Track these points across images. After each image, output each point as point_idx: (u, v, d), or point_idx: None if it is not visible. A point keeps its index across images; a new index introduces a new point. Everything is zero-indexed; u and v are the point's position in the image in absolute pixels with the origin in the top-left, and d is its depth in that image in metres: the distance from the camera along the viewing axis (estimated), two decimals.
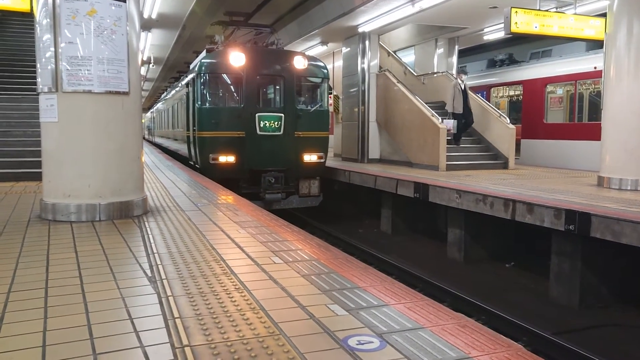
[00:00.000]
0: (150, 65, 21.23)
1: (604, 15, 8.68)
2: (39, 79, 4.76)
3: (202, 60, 10.54)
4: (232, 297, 2.59)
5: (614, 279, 6.23)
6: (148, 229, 4.33)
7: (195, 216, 4.99)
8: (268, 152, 10.29)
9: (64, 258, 3.39)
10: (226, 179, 9.47)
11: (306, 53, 11.88)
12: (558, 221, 6.12)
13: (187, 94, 11.66)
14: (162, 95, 26.76)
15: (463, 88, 12.05)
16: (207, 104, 10.37)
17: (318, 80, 11.08)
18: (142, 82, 22.67)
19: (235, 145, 10.12)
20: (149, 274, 3.01)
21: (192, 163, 11.53)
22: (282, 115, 10.35)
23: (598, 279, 6.19)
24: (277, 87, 10.84)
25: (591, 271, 6.17)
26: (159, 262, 3.25)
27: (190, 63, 19.38)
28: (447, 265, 8.21)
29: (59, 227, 4.43)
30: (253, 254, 3.50)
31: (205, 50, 11.62)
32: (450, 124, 11.76)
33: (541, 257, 7.03)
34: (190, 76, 11.32)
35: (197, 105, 10.35)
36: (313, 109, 10.94)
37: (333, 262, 3.32)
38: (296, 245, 3.81)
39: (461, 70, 13.00)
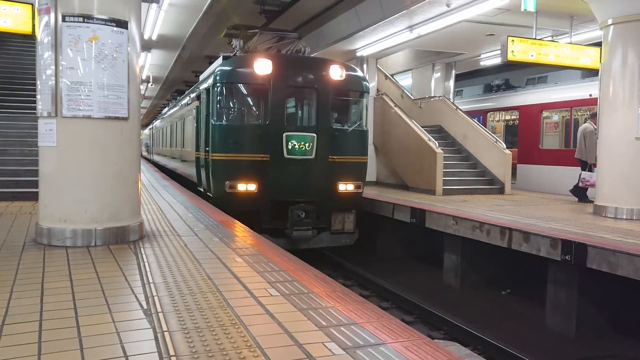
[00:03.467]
0: (149, 84, 21.34)
1: (599, 44, 8.81)
2: (38, 104, 4.77)
3: (220, 68, 8.94)
4: (228, 333, 2.57)
5: (611, 310, 6.21)
6: (144, 256, 4.30)
7: (191, 242, 4.97)
8: (297, 179, 8.66)
9: (59, 287, 3.36)
10: (245, 211, 8.12)
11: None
12: (554, 251, 6.12)
13: (198, 108, 10.25)
14: (164, 110, 24.40)
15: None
16: (224, 121, 8.73)
17: (357, 94, 9.42)
18: (141, 101, 22.74)
19: (258, 170, 8.49)
20: (145, 307, 2.98)
21: (202, 190, 9.94)
22: (315, 135, 8.69)
23: (595, 309, 6.18)
24: (309, 101, 9.23)
25: (588, 301, 6.16)
26: (154, 293, 3.23)
27: (191, 82, 19.40)
28: (443, 291, 8.18)
29: (54, 252, 4.40)
30: (249, 285, 3.48)
31: (221, 57, 9.84)
32: (594, 177, 9.21)
33: (537, 284, 7.02)
34: (203, 87, 9.84)
35: (211, 121, 8.80)
36: (351, 128, 9.27)
37: (330, 295, 3.31)
38: (293, 275, 3.80)
39: (595, 114, 9.53)
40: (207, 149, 9.11)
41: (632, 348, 5.88)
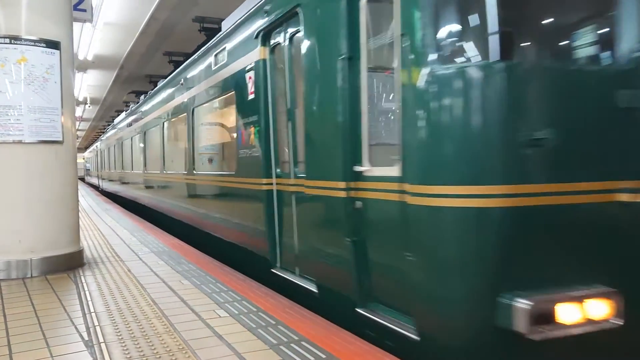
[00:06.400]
0: (87, 105, 20.69)
1: None
2: None
3: None
4: None
5: None
6: (85, 285, 4.12)
7: (135, 267, 4.81)
8: None
9: None
10: None
11: None
12: None
13: (263, 66, 4.50)
14: (120, 117, 16.51)
15: None
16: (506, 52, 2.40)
17: None
18: (78, 123, 21.95)
19: (609, 245, 2.50)
20: (86, 338, 2.85)
21: (316, 293, 3.67)
22: None
23: None
24: None
25: None
26: (96, 323, 3.09)
27: (132, 102, 18.52)
28: None
29: None
30: (197, 308, 3.39)
31: None
32: None
33: None
34: None
35: (424, 62, 2.47)
36: None
37: (278, 312, 3.27)
38: (242, 294, 3.73)
39: None
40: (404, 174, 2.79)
41: None
